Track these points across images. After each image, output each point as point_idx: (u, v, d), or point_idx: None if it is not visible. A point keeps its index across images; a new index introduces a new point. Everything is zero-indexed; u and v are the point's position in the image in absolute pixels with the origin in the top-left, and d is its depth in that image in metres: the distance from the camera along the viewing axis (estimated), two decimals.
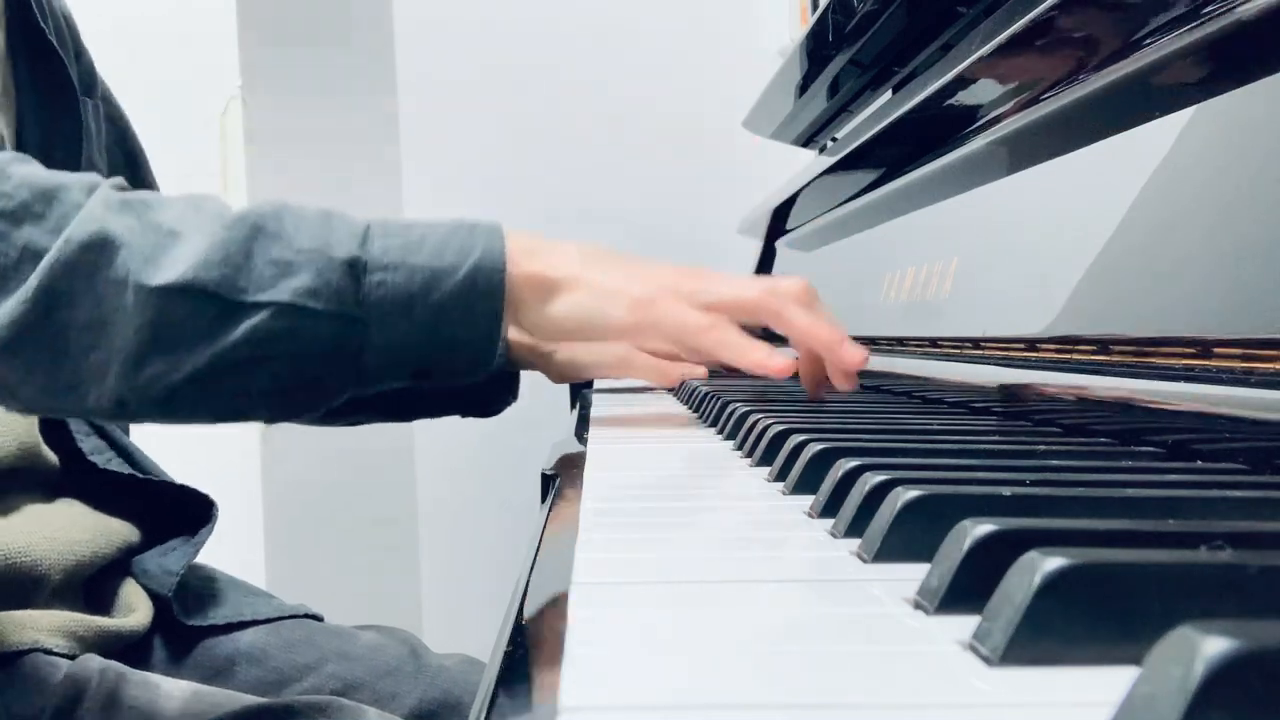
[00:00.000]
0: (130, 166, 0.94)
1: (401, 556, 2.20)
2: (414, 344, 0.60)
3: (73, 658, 0.73)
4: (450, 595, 2.22)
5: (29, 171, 0.60)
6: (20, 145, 0.81)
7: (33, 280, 0.57)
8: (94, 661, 0.72)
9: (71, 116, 0.83)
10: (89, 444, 0.86)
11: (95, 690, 0.70)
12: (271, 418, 0.65)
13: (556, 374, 0.76)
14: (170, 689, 0.73)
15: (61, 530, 0.78)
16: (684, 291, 0.67)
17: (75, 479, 0.85)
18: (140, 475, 0.87)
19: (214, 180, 1.51)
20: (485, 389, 0.87)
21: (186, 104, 1.67)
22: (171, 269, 0.57)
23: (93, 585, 0.81)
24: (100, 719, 0.69)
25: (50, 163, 0.80)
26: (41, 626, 0.73)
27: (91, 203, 0.59)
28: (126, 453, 0.89)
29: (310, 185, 1.84)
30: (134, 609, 0.80)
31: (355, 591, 1.86)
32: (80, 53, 0.88)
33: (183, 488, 0.90)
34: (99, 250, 0.57)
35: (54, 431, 0.84)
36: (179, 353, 0.58)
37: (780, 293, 0.66)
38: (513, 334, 0.65)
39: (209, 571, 0.92)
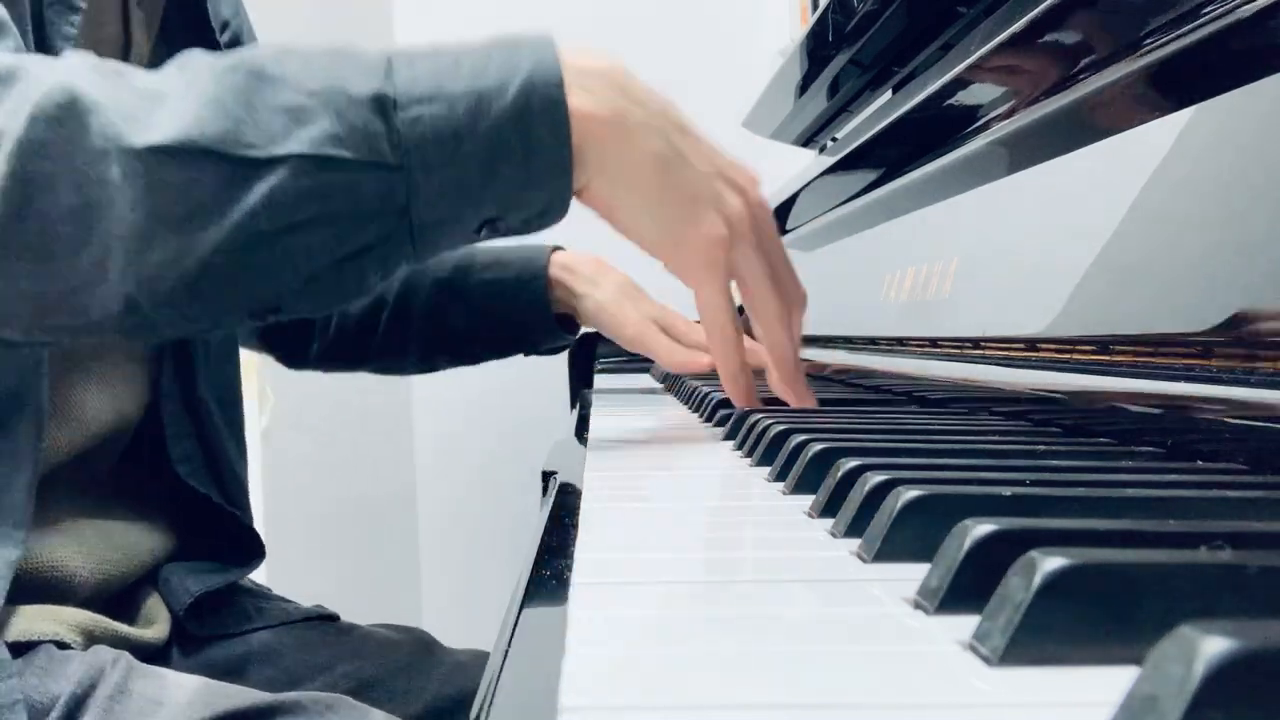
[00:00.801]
0: None
1: (402, 557, 2.20)
2: (469, 187, 0.51)
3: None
4: (450, 595, 2.22)
5: None
6: None
7: (0, 168, 0.48)
8: (106, 653, 0.73)
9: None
10: (179, 449, 0.83)
11: (107, 679, 0.71)
12: (316, 306, 0.55)
13: (580, 319, 0.73)
14: (179, 681, 0.73)
15: (96, 547, 0.77)
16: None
17: (134, 483, 0.84)
18: (213, 501, 0.86)
19: None
20: (546, 326, 0.90)
21: None
22: (159, 129, 0.48)
23: (118, 596, 0.81)
24: (111, 707, 0.70)
25: None
26: (61, 620, 0.74)
27: (56, 74, 0.50)
28: (218, 474, 0.85)
29: None
30: (153, 622, 0.81)
31: (355, 592, 1.86)
32: (226, 27, 0.85)
33: (247, 527, 0.89)
34: (70, 120, 0.48)
35: (146, 429, 0.82)
36: (186, 230, 0.48)
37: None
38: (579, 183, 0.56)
39: None
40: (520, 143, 0.51)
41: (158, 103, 0.49)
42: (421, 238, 0.52)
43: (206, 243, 0.49)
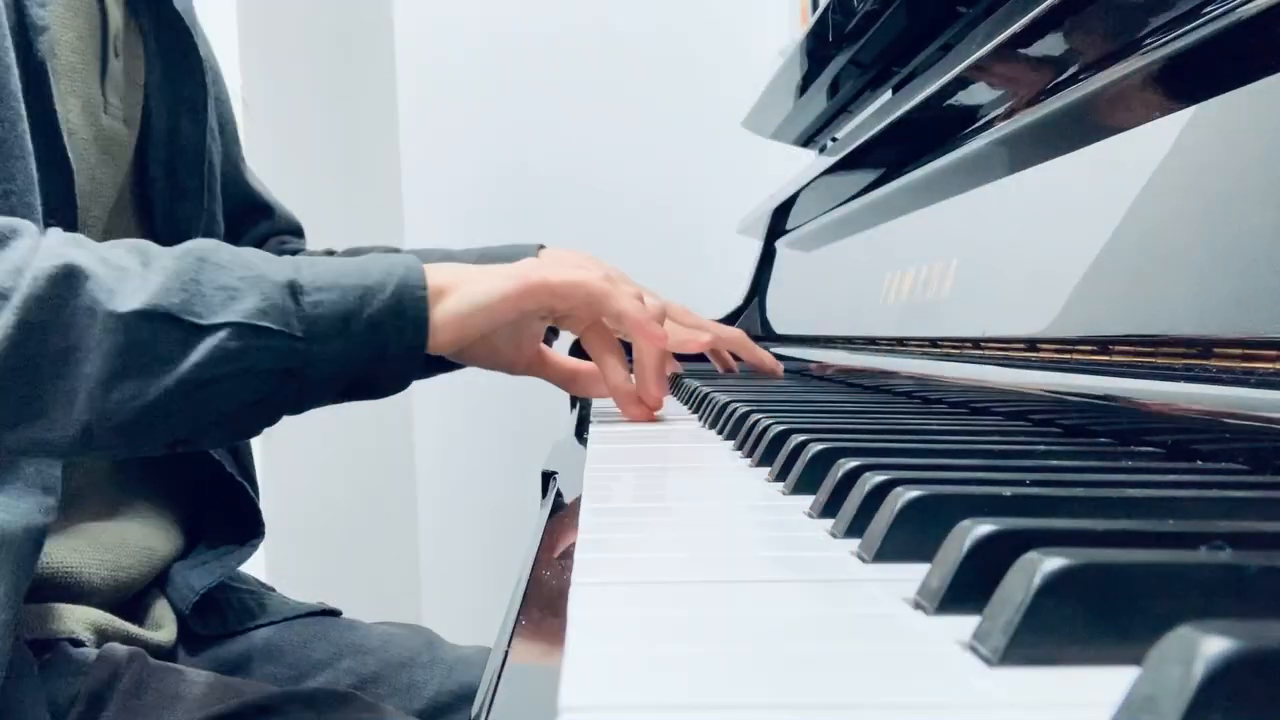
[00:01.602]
0: (221, 133, 0.95)
1: (402, 556, 2.20)
2: (351, 358, 0.64)
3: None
4: (450, 595, 2.22)
5: None
6: (146, 112, 0.84)
7: (7, 316, 0.59)
8: (120, 650, 0.73)
9: (195, 84, 0.86)
10: None
11: (125, 674, 0.72)
12: (219, 440, 0.68)
13: (474, 359, 0.80)
14: (194, 676, 0.74)
15: (111, 553, 0.79)
16: (555, 260, 0.74)
17: (154, 470, 0.86)
18: (225, 469, 0.89)
19: None
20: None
21: None
22: (134, 297, 0.60)
23: (129, 600, 0.82)
24: (129, 701, 0.71)
25: (177, 130, 0.84)
26: (76, 618, 0.75)
27: (48, 240, 0.62)
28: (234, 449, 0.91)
29: (310, 185, 1.83)
30: (162, 626, 0.82)
31: (356, 591, 1.86)
32: (194, 18, 0.90)
33: (251, 501, 0.91)
34: (68, 282, 0.60)
35: None
36: (147, 376, 0.60)
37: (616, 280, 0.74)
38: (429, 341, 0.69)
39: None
40: (392, 328, 0.65)
41: (124, 275, 0.61)
42: (308, 393, 0.64)
43: (158, 387, 0.61)
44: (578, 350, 1.28)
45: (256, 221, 1.02)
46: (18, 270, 0.60)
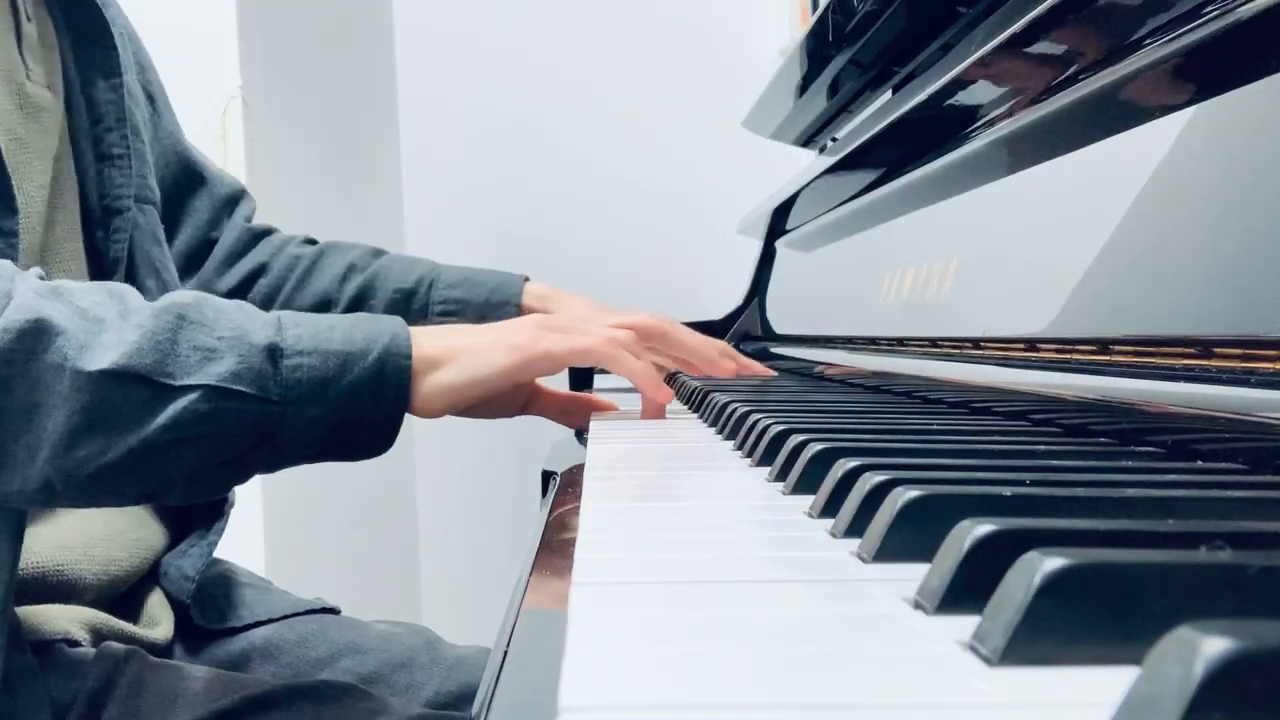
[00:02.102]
0: (149, 101, 0.95)
1: (402, 556, 2.20)
2: (326, 424, 0.63)
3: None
4: (451, 595, 2.22)
5: None
6: (66, 85, 0.83)
7: None
8: (117, 649, 0.73)
9: (107, 49, 0.85)
10: None
11: (124, 673, 0.72)
12: (187, 496, 0.67)
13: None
14: (193, 673, 0.74)
15: (99, 547, 0.78)
16: (556, 326, 0.72)
17: None
18: None
19: None
20: None
21: (186, 104, 1.67)
22: (105, 355, 0.59)
23: (122, 596, 0.82)
24: (130, 700, 0.71)
25: (94, 97, 0.83)
26: (70, 618, 0.75)
27: (21, 290, 0.61)
28: None
29: (310, 185, 1.84)
30: (158, 622, 0.81)
31: (356, 591, 1.86)
32: None
33: None
34: (36, 336, 0.59)
35: None
36: (111, 434, 0.59)
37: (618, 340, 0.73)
38: (414, 409, 0.68)
39: (226, 569, 0.92)
40: (371, 394, 0.64)
41: (101, 329, 0.60)
42: (280, 456, 0.63)
43: (123, 445, 0.60)
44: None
45: (196, 192, 1.01)
46: None
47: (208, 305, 0.64)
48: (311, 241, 1.05)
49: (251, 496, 1.52)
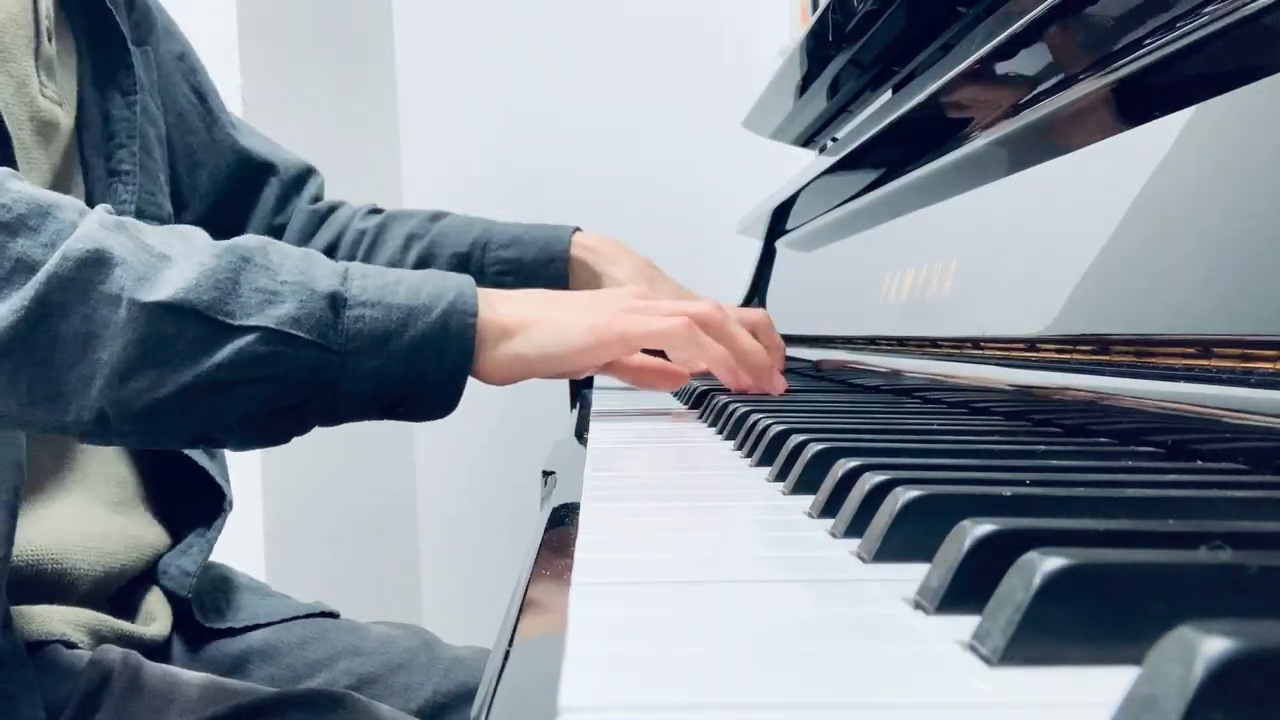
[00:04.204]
0: (201, 102, 0.96)
1: (402, 557, 2.20)
2: (386, 379, 0.62)
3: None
4: (450, 596, 2.22)
5: (24, 187, 0.62)
6: (81, 99, 0.84)
7: (27, 290, 0.58)
8: (114, 651, 0.73)
9: (124, 67, 0.85)
10: None
11: (118, 677, 0.71)
12: (242, 443, 0.66)
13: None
14: (188, 678, 0.74)
15: (95, 540, 0.78)
16: (634, 308, 0.71)
17: (101, 465, 0.85)
18: (198, 462, 0.89)
19: None
20: None
21: None
22: (165, 288, 0.59)
23: (119, 593, 0.82)
24: (123, 704, 0.71)
25: (109, 115, 0.85)
26: (67, 620, 0.75)
27: (87, 221, 0.61)
28: None
29: None
30: (155, 619, 0.82)
31: (356, 592, 1.86)
32: (133, 3, 0.89)
33: (203, 474, 0.90)
34: (96, 265, 0.59)
35: None
36: (166, 368, 0.59)
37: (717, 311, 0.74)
38: (480, 373, 0.67)
39: (225, 572, 0.92)
40: (434, 352, 0.63)
41: (165, 264, 0.60)
42: (338, 408, 0.63)
43: (176, 381, 0.59)
44: None
45: (262, 184, 1.01)
46: (50, 246, 0.59)
47: (273, 249, 0.63)
48: (377, 210, 1.05)
49: (251, 497, 1.52)
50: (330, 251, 1.02)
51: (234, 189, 0.99)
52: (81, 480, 0.81)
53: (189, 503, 0.89)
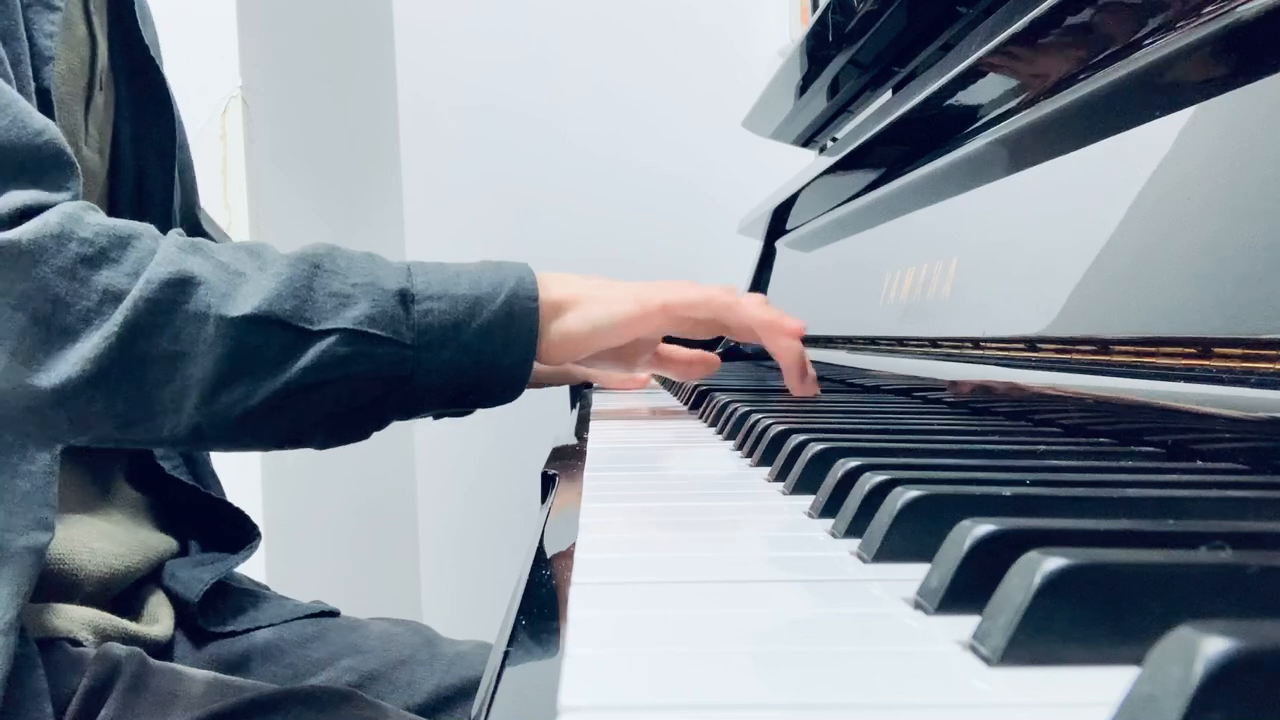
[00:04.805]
0: (180, 176, 0.96)
1: (402, 557, 2.20)
2: (459, 368, 0.65)
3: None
4: (450, 596, 2.22)
5: (101, 219, 0.64)
6: (115, 156, 0.85)
7: (116, 317, 0.61)
8: (118, 649, 0.74)
9: (164, 127, 0.88)
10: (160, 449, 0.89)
11: (124, 672, 0.72)
12: (326, 442, 0.69)
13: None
14: (191, 675, 0.75)
15: (101, 544, 0.80)
16: (677, 284, 0.74)
17: (129, 483, 0.87)
18: (201, 490, 0.91)
19: (214, 180, 1.51)
20: None
21: (186, 104, 1.66)
22: (247, 302, 0.62)
23: (123, 595, 0.82)
24: (128, 699, 0.71)
25: (145, 174, 0.86)
26: (72, 619, 0.76)
27: (165, 245, 0.63)
28: (191, 461, 0.92)
29: (310, 185, 1.83)
30: (158, 620, 0.82)
31: (356, 592, 1.86)
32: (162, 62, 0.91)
33: (234, 509, 0.92)
34: (180, 287, 0.62)
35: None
36: (255, 379, 0.62)
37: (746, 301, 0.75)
38: (541, 354, 0.69)
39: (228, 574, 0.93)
40: (502, 337, 0.66)
41: (241, 279, 0.63)
42: (416, 400, 0.65)
43: (267, 389, 0.63)
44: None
45: None
46: (134, 274, 0.62)
47: (339, 254, 0.66)
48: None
49: (251, 496, 1.52)
50: None
51: None
52: (100, 495, 0.82)
53: (211, 528, 0.91)
